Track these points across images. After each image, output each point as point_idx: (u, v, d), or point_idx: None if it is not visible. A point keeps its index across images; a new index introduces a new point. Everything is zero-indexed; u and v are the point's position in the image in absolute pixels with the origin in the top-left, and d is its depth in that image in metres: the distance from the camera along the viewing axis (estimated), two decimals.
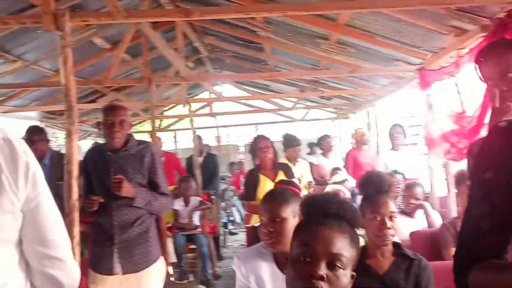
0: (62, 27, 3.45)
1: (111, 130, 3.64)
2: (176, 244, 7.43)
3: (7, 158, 1.65)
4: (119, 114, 3.67)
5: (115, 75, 9.31)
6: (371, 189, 3.02)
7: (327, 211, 1.69)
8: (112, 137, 3.65)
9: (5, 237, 1.65)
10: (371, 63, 7.37)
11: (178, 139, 15.53)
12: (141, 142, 3.84)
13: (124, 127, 3.68)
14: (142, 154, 3.72)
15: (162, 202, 3.76)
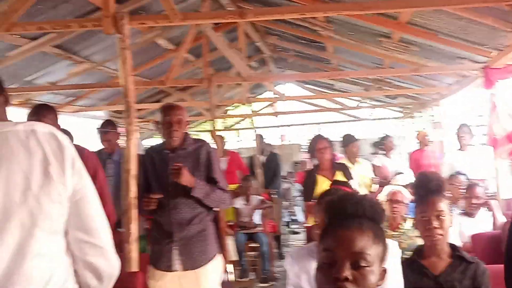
0: (121, 30, 3.56)
1: (170, 130, 3.71)
2: (237, 242, 7.51)
3: (55, 150, 1.76)
4: (177, 113, 3.74)
5: (180, 75, 9.52)
6: (420, 190, 3.04)
7: (345, 212, 1.69)
8: (171, 136, 3.72)
9: (53, 226, 1.74)
10: (435, 62, 7.21)
11: (242, 138, 15.62)
12: (197, 140, 3.91)
13: (181, 126, 3.74)
14: (199, 152, 3.78)
15: (220, 196, 3.79)
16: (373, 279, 1.60)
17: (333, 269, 1.57)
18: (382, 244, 1.66)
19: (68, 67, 7.12)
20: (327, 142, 5.77)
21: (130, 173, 3.60)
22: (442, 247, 2.89)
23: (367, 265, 1.59)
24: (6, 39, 5.53)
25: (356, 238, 1.60)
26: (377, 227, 1.69)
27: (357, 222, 1.65)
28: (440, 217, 2.86)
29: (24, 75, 6.86)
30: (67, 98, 8.42)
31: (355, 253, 1.58)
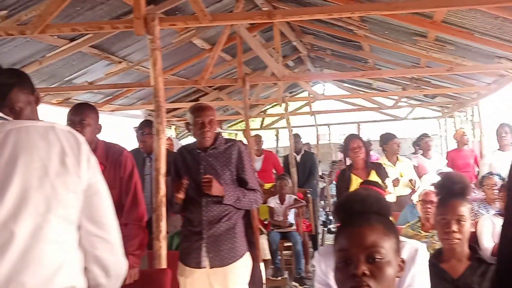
0: (152, 31, 3.62)
1: (202, 130, 3.75)
2: (271, 241, 7.53)
3: (72, 145, 1.89)
4: (208, 114, 3.77)
5: (217, 74, 9.62)
6: (442, 191, 2.96)
7: (352, 211, 1.73)
8: (203, 137, 3.75)
9: (68, 214, 1.84)
10: (471, 61, 7.11)
11: (280, 137, 15.64)
12: (228, 140, 3.94)
13: (213, 126, 3.79)
14: (230, 152, 3.81)
15: (251, 197, 3.82)
16: (390, 271, 1.63)
17: (349, 267, 1.62)
18: (394, 236, 1.70)
19: (106, 67, 7.28)
20: (361, 141, 5.74)
21: (160, 172, 3.66)
22: (461, 250, 2.83)
23: (382, 258, 1.62)
24: (45, 40, 5.69)
25: (366, 234, 1.65)
26: (386, 221, 1.73)
27: (365, 218, 1.69)
28: (460, 222, 2.80)
29: (63, 75, 7.04)
30: (105, 97, 8.61)
31: (368, 248, 1.62)
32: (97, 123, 3.59)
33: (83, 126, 3.44)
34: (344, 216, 1.75)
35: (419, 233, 4.66)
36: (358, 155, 5.66)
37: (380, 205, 1.76)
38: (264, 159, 9.70)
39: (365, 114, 15.14)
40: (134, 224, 3.42)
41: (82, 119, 3.46)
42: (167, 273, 3.46)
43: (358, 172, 5.67)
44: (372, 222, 1.68)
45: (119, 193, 3.50)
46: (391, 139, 7.13)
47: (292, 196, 7.92)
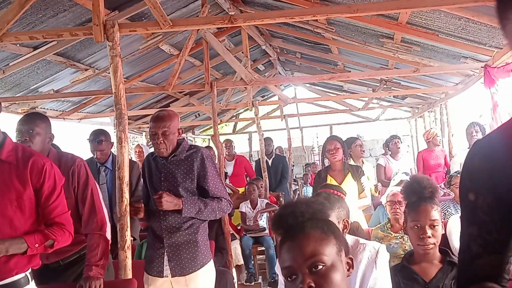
0: (112, 38, 3.57)
1: (154, 141, 3.70)
2: (244, 246, 7.50)
3: None
4: (162, 125, 3.67)
5: (186, 79, 9.57)
6: (412, 196, 2.95)
7: (287, 225, 1.68)
8: (157, 148, 3.70)
9: None
10: (438, 61, 7.17)
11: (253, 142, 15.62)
12: (191, 146, 3.87)
13: (167, 137, 3.69)
14: (192, 159, 3.74)
15: (214, 207, 3.74)
16: (337, 275, 1.59)
17: (296, 282, 1.57)
18: (334, 237, 1.65)
19: (72, 74, 7.18)
20: (339, 143, 5.72)
21: (123, 181, 3.61)
22: (433, 253, 2.83)
23: (324, 264, 1.58)
24: (7, 48, 5.59)
25: (303, 245, 1.60)
26: (322, 222, 1.68)
27: (299, 229, 1.64)
28: (433, 226, 2.81)
29: (28, 84, 6.93)
30: (73, 105, 8.49)
31: (308, 259, 1.58)
32: (48, 132, 3.51)
33: (31, 135, 3.37)
34: (281, 231, 1.70)
35: (389, 234, 4.66)
36: (335, 157, 5.63)
37: (313, 209, 1.70)
38: (236, 164, 9.67)
39: (338, 117, 15.21)
40: (94, 234, 3.34)
41: (31, 128, 3.38)
42: (133, 283, 3.41)
43: (334, 174, 5.65)
44: (307, 231, 1.63)
45: (75, 202, 3.43)
46: (353, 141, 7.17)
47: (264, 200, 7.90)
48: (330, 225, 1.70)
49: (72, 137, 4.75)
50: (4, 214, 2.63)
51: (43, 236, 2.69)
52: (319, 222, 1.67)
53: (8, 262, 2.61)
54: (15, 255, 2.62)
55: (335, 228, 1.71)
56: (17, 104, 7.29)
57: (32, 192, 2.71)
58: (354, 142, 7.16)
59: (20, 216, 2.68)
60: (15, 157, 2.71)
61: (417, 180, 3.05)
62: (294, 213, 1.68)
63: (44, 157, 2.85)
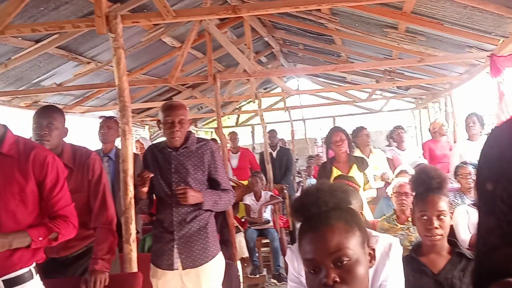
0: (114, 29, 3.54)
1: (171, 130, 3.67)
2: (248, 239, 7.48)
3: None
4: (179, 113, 3.67)
5: (189, 72, 9.52)
6: (420, 187, 2.90)
7: (309, 214, 1.62)
8: (173, 136, 3.66)
9: None
10: (442, 51, 7.12)
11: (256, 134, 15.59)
12: (200, 139, 3.86)
13: (183, 126, 3.69)
14: (202, 152, 3.73)
15: (225, 199, 3.77)
16: (361, 270, 1.55)
17: (319, 275, 1.53)
18: (357, 228, 1.60)
19: (74, 68, 7.15)
20: (344, 134, 5.71)
21: (127, 173, 3.57)
22: (441, 244, 2.80)
23: (349, 259, 1.54)
24: (9, 42, 5.56)
25: (328, 238, 1.54)
26: (346, 212, 1.62)
27: (323, 219, 1.58)
28: (441, 217, 2.77)
29: (30, 77, 6.89)
30: (75, 99, 8.46)
31: (333, 253, 1.53)
32: (64, 126, 3.52)
33: (50, 129, 3.37)
34: (302, 220, 1.64)
35: (395, 225, 4.65)
36: (340, 148, 5.64)
37: (336, 198, 1.63)
38: (240, 156, 9.66)
39: (341, 108, 15.16)
40: (103, 228, 3.34)
41: (50, 122, 3.38)
42: (138, 276, 3.39)
43: (339, 165, 5.65)
44: (331, 222, 1.57)
45: (87, 196, 3.42)
46: (360, 130, 7.14)
47: (268, 193, 7.88)
48: (354, 216, 1.64)
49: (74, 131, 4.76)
50: (7, 208, 2.61)
51: (47, 229, 2.66)
52: (343, 213, 1.61)
53: (11, 257, 2.59)
54: (18, 249, 2.59)
55: (359, 218, 1.66)
56: (19, 98, 7.26)
57: (35, 185, 2.68)
58: (360, 131, 7.13)
59: (23, 210, 2.66)
60: (17, 150, 2.69)
61: (425, 171, 3.00)
62: (317, 202, 1.61)
63: (46, 150, 2.83)
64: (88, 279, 3.14)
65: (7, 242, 2.51)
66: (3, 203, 2.61)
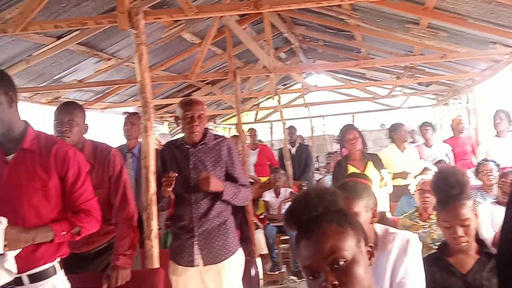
0: (136, 25, 3.53)
1: (191, 125, 3.66)
2: (268, 235, 7.49)
3: None
4: (198, 108, 3.68)
5: (208, 68, 9.52)
6: (441, 195, 2.82)
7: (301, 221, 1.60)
8: (192, 131, 3.66)
9: None
10: (465, 47, 7.03)
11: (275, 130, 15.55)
12: (217, 136, 3.86)
13: (202, 121, 3.69)
14: (220, 148, 3.73)
15: (243, 193, 3.77)
16: (359, 269, 1.53)
17: (318, 280, 1.52)
18: (351, 228, 1.58)
19: (95, 64, 7.18)
20: (357, 132, 5.69)
21: (149, 170, 3.57)
22: (469, 245, 2.73)
23: (345, 259, 1.52)
24: (31, 38, 5.59)
25: (321, 242, 1.53)
26: (337, 214, 1.60)
27: (314, 224, 1.57)
28: (465, 224, 2.70)
29: (51, 74, 6.93)
30: (96, 95, 8.50)
31: (328, 256, 1.52)
32: (84, 123, 3.54)
33: (71, 125, 3.39)
34: (296, 228, 1.62)
35: (417, 223, 4.61)
36: (355, 146, 5.62)
37: (325, 201, 1.61)
38: (259, 153, 9.65)
39: (360, 105, 15.06)
40: (124, 224, 3.34)
41: (71, 118, 3.40)
42: (160, 272, 3.38)
43: (355, 163, 5.63)
44: (323, 226, 1.55)
45: (108, 192, 3.42)
46: (399, 126, 7.14)
47: (288, 189, 7.87)
48: (346, 216, 1.62)
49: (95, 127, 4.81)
50: (30, 204, 2.62)
51: (70, 224, 2.67)
52: (333, 215, 1.59)
53: (35, 252, 2.60)
54: (42, 244, 2.60)
55: (351, 218, 1.63)
56: (40, 94, 7.30)
57: (57, 180, 2.69)
58: (400, 127, 7.19)
59: (46, 205, 2.66)
60: (38, 146, 2.69)
61: (443, 178, 2.86)
62: (307, 208, 1.59)
63: (67, 144, 2.83)
64: (110, 274, 3.14)
65: (30, 237, 2.51)
66: (26, 198, 2.62)
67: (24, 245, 2.50)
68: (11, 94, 2.59)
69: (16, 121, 2.67)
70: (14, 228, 2.46)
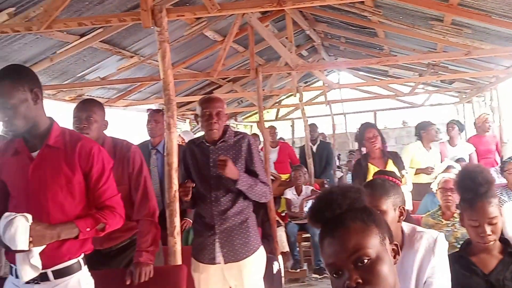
0: (160, 23, 3.55)
1: (209, 122, 3.67)
2: (289, 233, 7.47)
3: None
4: (216, 105, 3.67)
5: (229, 66, 9.53)
6: (466, 194, 2.77)
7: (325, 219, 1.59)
8: (210, 128, 3.66)
9: None
10: (489, 44, 6.94)
11: (296, 128, 15.51)
12: (237, 133, 3.85)
13: (221, 118, 3.68)
14: (240, 145, 3.73)
15: (261, 188, 3.73)
16: (384, 267, 1.51)
17: (342, 278, 1.50)
18: (375, 225, 1.56)
19: (118, 62, 7.23)
20: (376, 130, 5.65)
21: (172, 167, 3.59)
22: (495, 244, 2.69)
23: (370, 258, 1.50)
24: (55, 36, 5.64)
25: (345, 240, 1.51)
26: (362, 212, 1.58)
27: (339, 221, 1.55)
28: (492, 223, 2.65)
29: (75, 71, 7.00)
30: (118, 92, 8.56)
31: (352, 254, 1.50)
32: (103, 119, 3.55)
33: (89, 122, 3.41)
34: (320, 225, 1.60)
35: (440, 221, 4.57)
36: (375, 145, 5.58)
37: (349, 199, 1.60)
38: (280, 150, 9.63)
39: (381, 102, 14.96)
40: (146, 220, 3.35)
41: (89, 115, 3.42)
42: (182, 269, 3.39)
43: (375, 162, 5.59)
44: (347, 223, 1.53)
45: (128, 189, 3.44)
46: (430, 125, 7.09)
47: (309, 187, 7.85)
48: (370, 214, 1.60)
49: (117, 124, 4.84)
50: (55, 200, 2.64)
51: (94, 220, 2.68)
52: (358, 212, 1.57)
53: (60, 248, 2.62)
54: (67, 240, 2.62)
55: (376, 215, 1.61)
56: (64, 91, 7.37)
57: (82, 177, 2.71)
58: (430, 126, 7.16)
59: (71, 201, 2.68)
60: (63, 142, 2.71)
61: (471, 176, 2.80)
62: (331, 206, 1.57)
63: (92, 141, 2.85)
64: (133, 271, 3.15)
65: (55, 233, 2.54)
66: (51, 194, 2.64)
67: (49, 242, 2.52)
68: (36, 91, 2.62)
69: (41, 118, 2.69)
70: (40, 224, 2.48)
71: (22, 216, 2.43)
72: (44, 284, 2.63)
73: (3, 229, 2.42)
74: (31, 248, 2.44)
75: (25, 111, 2.57)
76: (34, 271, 2.52)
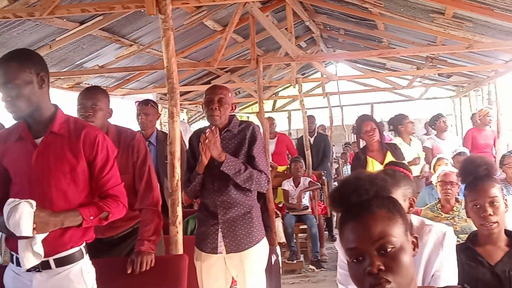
0: (164, 10, 3.52)
1: (209, 107, 3.64)
2: (286, 224, 7.49)
3: None
4: (219, 92, 3.66)
5: (229, 56, 9.49)
6: (468, 177, 2.82)
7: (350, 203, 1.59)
8: (211, 114, 3.64)
9: None
10: (490, 38, 6.92)
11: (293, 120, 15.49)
12: (242, 122, 3.84)
13: (223, 105, 3.64)
14: (245, 133, 3.71)
15: (254, 176, 3.62)
16: (406, 257, 1.51)
17: (363, 264, 1.50)
18: (399, 215, 1.57)
19: (117, 50, 7.18)
20: (374, 122, 5.63)
21: (175, 156, 3.56)
22: (498, 234, 2.71)
23: (394, 246, 1.50)
24: (55, 23, 5.59)
25: (371, 225, 1.51)
26: (388, 201, 1.59)
27: (365, 207, 1.55)
28: (494, 204, 2.68)
29: (73, 59, 6.95)
30: (116, 81, 8.52)
31: (377, 240, 1.50)
32: (108, 107, 3.53)
33: (94, 110, 3.38)
34: (342, 209, 1.61)
35: (440, 215, 4.58)
36: (373, 138, 5.55)
37: (377, 186, 1.60)
38: (278, 142, 9.61)
39: (379, 95, 14.97)
40: (149, 209, 3.34)
41: (94, 103, 3.39)
42: (184, 258, 3.38)
43: (373, 154, 5.57)
44: (373, 210, 1.54)
45: (132, 178, 3.42)
46: (405, 118, 7.04)
47: (307, 179, 7.85)
48: (396, 203, 1.61)
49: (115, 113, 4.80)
50: (58, 187, 2.62)
51: (98, 209, 2.67)
52: (384, 200, 1.58)
53: (63, 236, 2.60)
54: (70, 229, 2.60)
55: (400, 206, 1.62)
56: (62, 79, 7.32)
57: (86, 165, 2.69)
58: (405, 119, 7.06)
59: (74, 189, 2.66)
60: (67, 129, 2.69)
61: (470, 160, 2.93)
62: (358, 191, 1.58)
63: (96, 129, 2.83)
64: (135, 259, 3.15)
65: (59, 220, 2.52)
66: (55, 182, 2.62)
67: (52, 229, 2.50)
68: (42, 76, 2.59)
69: (45, 104, 2.67)
70: (44, 211, 2.47)
71: (27, 202, 2.41)
72: (46, 272, 2.61)
73: (7, 214, 2.40)
74: (34, 234, 2.43)
75: (29, 93, 2.54)
76: (37, 258, 2.50)
